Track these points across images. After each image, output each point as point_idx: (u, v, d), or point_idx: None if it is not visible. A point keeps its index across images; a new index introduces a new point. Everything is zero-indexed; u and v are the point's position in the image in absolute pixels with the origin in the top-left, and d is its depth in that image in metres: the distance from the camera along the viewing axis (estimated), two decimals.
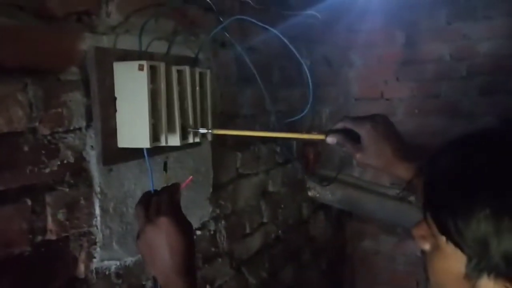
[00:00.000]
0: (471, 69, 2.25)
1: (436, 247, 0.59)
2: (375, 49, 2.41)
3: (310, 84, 1.05)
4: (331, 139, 0.89)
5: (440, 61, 2.30)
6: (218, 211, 1.25)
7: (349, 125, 0.88)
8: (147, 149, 0.85)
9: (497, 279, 0.52)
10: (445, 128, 2.26)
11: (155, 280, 0.85)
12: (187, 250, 0.73)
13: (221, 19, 1.13)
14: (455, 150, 0.58)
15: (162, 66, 0.86)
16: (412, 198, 1.85)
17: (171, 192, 0.77)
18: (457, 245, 0.54)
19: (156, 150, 0.89)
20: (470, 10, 2.20)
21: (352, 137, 0.87)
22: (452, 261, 0.56)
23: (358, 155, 0.87)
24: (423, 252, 0.63)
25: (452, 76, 2.28)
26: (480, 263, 0.53)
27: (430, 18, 2.27)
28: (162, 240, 0.71)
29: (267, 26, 1.03)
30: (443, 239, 0.56)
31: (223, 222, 1.28)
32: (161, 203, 0.74)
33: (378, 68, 2.43)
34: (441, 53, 2.29)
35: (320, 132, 0.93)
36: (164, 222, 0.71)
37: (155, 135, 0.85)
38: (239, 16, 1.13)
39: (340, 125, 0.89)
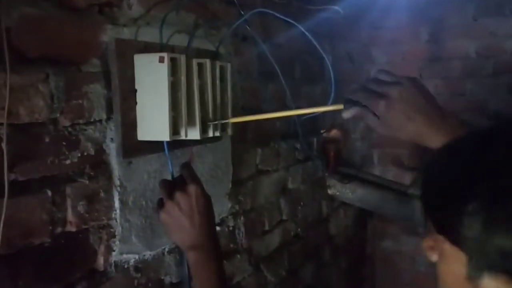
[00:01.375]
0: (497, 66, 2.19)
1: (440, 255, 0.57)
2: (399, 46, 2.36)
3: (333, 80, 1.03)
4: (347, 114, 0.80)
5: (466, 58, 2.24)
6: (237, 207, 1.24)
7: (363, 100, 0.77)
8: (167, 142, 0.84)
9: (497, 277, 0.50)
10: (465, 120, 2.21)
11: (180, 251, 0.92)
12: (211, 216, 0.83)
13: (242, 12, 1.12)
14: (447, 152, 0.57)
15: (182, 59, 0.85)
16: None
17: (189, 168, 0.85)
18: (455, 243, 0.53)
19: (175, 144, 0.89)
20: (497, 6, 2.14)
21: None
22: (454, 263, 0.54)
23: (379, 129, 0.77)
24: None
25: (478, 73, 2.22)
26: (478, 260, 0.51)
27: (456, 15, 2.22)
28: (192, 204, 0.79)
29: (290, 20, 1.02)
30: (443, 241, 0.55)
31: (242, 218, 1.27)
32: (185, 177, 0.83)
33: (401, 65, 2.38)
34: (467, 50, 2.24)
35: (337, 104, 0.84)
36: (193, 189, 0.80)
37: (175, 128, 0.84)
38: (262, 10, 1.12)
39: (356, 98, 0.79)
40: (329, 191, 1.88)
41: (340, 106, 0.81)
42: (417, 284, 2.42)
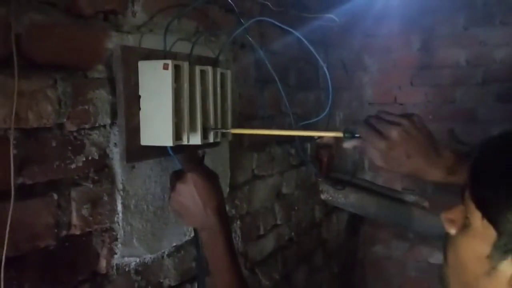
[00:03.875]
0: (486, 75, 2.24)
1: (465, 228, 0.61)
2: (391, 54, 2.41)
3: (330, 87, 1.05)
4: (348, 145, 0.84)
5: (456, 67, 2.29)
6: (233, 211, 1.26)
7: (364, 136, 0.81)
8: (171, 147, 0.86)
9: None
10: (460, 134, 2.25)
11: (196, 234, 0.97)
12: (215, 196, 0.86)
13: (242, 20, 1.14)
14: (509, 136, 0.60)
15: (186, 66, 0.86)
16: (426, 204, 1.85)
17: (189, 154, 0.92)
18: (492, 222, 0.55)
19: (176, 149, 0.90)
20: (487, 16, 2.20)
21: None
22: (479, 240, 0.57)
23: (379, 163, 0.81)
24: (445, 236, 0.65)
25: (468, 82, 2.28)
26: (509, 243, 0.54)
27: (447, 24, 2.27)
28: (191, 191, 0.84)
29: (289, 28, 1.04)
30: (477, 216, 0.57)
31: (238, 222, 1.29)
32: (183, 167, 0.89)
33: (392, 73, 2.43)
34: (457, 59, 2.29)
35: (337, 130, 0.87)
36: (189, 177, 0.85)
37: (177, 134, 0.86)
38: (261, 18, 1.14)
39: (357, 132, 0.83)
40: (322, 196, 1.90)
41: (340, 134, 0.85)
42: None
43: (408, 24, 2.32)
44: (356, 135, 0.83)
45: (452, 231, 0.63)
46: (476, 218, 0.58)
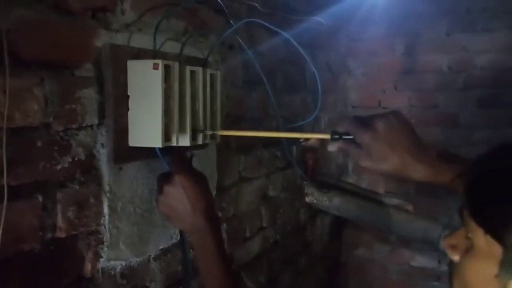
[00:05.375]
0: (468, 80, 2.28)
1: (468, 251, 0.59)
2: (375, 58, 2.43)
3: (320, 90, 1.05)
4: (332, 148, 0.83)
5: (438, 72, 2.32)
6: (220, 214, 1.25)
7: (348, 130, 0.81)
8: (159, 148, 0.84)
9: None
10: (442, 139, 2.28)
11: (182, 237, 0.95)
12: (204, 198, 0.85)
13: (231, 21, 1.13)
14: (506, 151, 0.59)
15: (176, 66, 0.85)
16: (409, 207, 1.86)
17: (177, 156, 0.89)
18: (496, 237, 0.54)
19: (164, 150, 0.89)
20: (469, 22, 2.23)
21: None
22: (485, 260, 0.55)
23: (363, 163, 0.80)
24: (450, 264, 0.62)
25: (450, 87, 2.31)
26: None
27: (430, 29, 2.30)
28: (179, 193, 0.83)
29: (279, 30, 1.03)
30: (480, 234, 0.55)
31: (225, 225, 1.27)
32: (170, 169, 0.87)
33: (377, 77, 2.45)
34: (440, 64, 2.32)
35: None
36: (176, 179, 0.83)
37: (166, 135, 0.84)
38: (251, 19, 1.13)
39: (342, 129, 0.82)
40: (307, 199, 1.90)
41: (327, 136, 0.83)
42: None
43: (392, 29, 2.34)
44: (344, 137, 0.82)
45: (456, 257, 0.60)
46: (479, 236, 0.56)
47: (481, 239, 0.55)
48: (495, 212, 0.54)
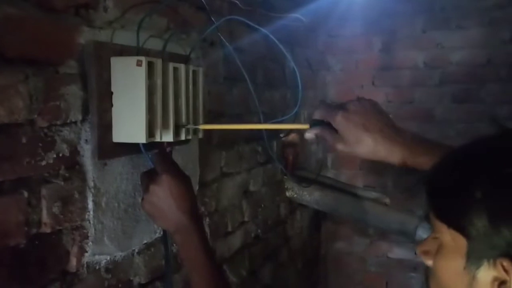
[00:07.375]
0: (443, 76, 2.33)
1: (438, 251, 0.60)
2: (353, 55, 2.47)
3: (300, 86, 1.07)
4: (309, 135, 0.85)
5: (414, 68, 2.38)
6: (202, 208, 1.26)
7: (323, 114, 0.83)
8: (143, 144, 0.86)
9: (496, 264, 0.52)
10: (422, 133, 2.34)
11: (165, 233, 0.96)
12: (188, 197, 0.86)
13: (213, 18, 1.15)
14: (473, 145, 0.60)
15: (159, 63, 0.86)
16: (387, 200, 1.91)
17: (162, 154, 0.90)
18: (459, 229, 0.55)
19: (148, 146, 0.90)
20: (444, 20, 2.29)
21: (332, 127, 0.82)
22: (452, 256, 0.57)
23: (339, 146, 0.82)
24: (426, 270, 0.64)
25: (425, 83, 2.36)
26: (481, 247, 0.53)
27: (407, 27, 2.35)
28: (165, 192, 0.83)
29: (259, 27, 1.05)
30: (444, 230, 0.57)
31: (207, 220, 1.29)
32: (156, 167, 0.87)
33: (355, 73, 2.49)
34: (416, 61, 2.37)
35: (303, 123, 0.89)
36: (163, 178, 0.84)
37: (150, 131, 0.86)
38: (232, 16, 1.15)
39: (317, 115, 0.85)
40: (287, 194, 1.93)
41: (306, 126, 0.85)
42: (367, 284, 2.53)
43: (370, 26, 2.38)
44: (322, 125, 0.83)
45: (429, 262, 0.62)
46: (444, 232, 0.57)
47: (446, 234, 0.57)
48: (453, 204, 0.56)
